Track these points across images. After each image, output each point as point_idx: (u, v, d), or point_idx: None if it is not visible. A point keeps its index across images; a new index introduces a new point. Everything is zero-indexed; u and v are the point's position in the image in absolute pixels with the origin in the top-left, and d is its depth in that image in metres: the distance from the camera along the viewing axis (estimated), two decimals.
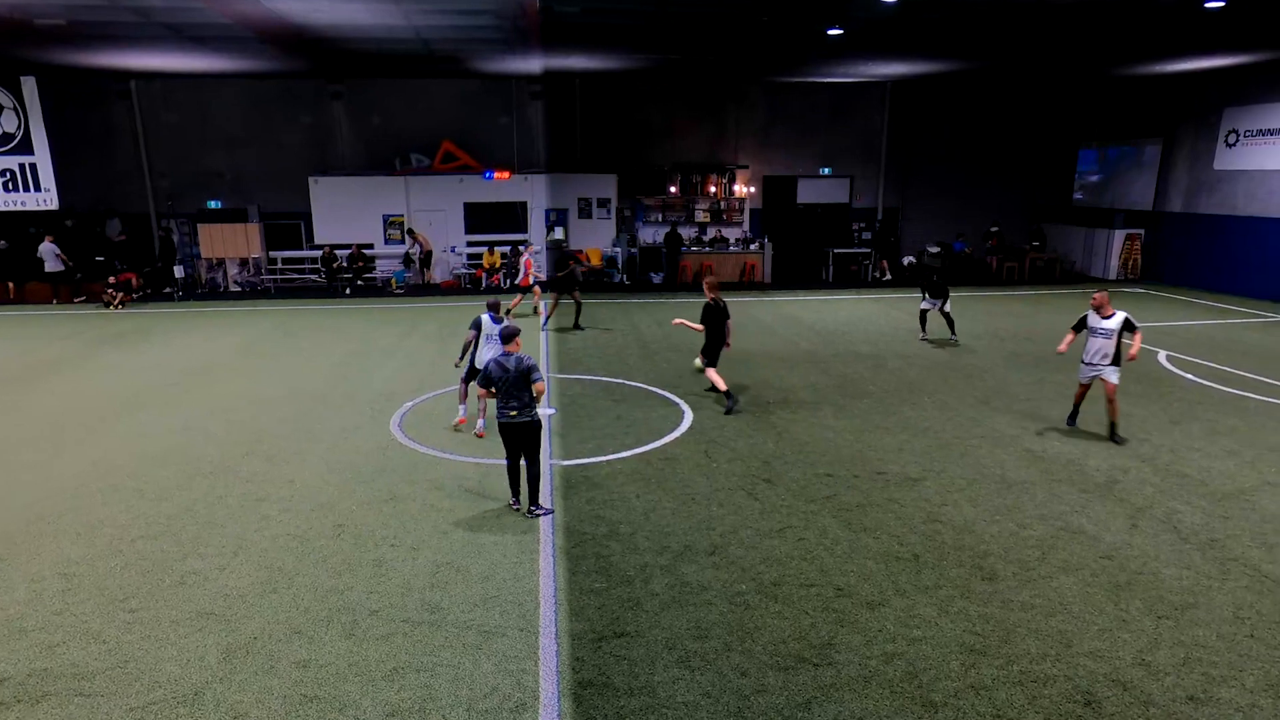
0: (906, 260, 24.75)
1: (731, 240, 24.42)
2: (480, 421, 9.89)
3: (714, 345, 10.87)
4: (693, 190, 24.47)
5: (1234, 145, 20.46)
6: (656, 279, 23.24)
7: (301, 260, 23.04)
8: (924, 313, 15.33)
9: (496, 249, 22.37)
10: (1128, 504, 7.63)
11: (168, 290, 21.27)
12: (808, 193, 25.25)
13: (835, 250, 24.21)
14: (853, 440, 9.49)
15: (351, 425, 10.12)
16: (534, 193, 22.94)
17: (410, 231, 22.51)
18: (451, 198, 22.75)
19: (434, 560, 6.60)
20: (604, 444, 9.37)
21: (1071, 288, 22.12)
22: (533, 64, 19.14)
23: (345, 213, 22.40)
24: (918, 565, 6.48)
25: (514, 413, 7.20)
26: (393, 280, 22.31)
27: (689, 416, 10.37)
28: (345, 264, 21.94)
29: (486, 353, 9.72)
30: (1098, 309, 9.33)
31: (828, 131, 24.77)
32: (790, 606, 5.87)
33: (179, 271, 21.38)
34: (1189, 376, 12.23)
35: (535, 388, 7.20)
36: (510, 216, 23.06)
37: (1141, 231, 23.41)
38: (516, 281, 18.01)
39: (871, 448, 9.24)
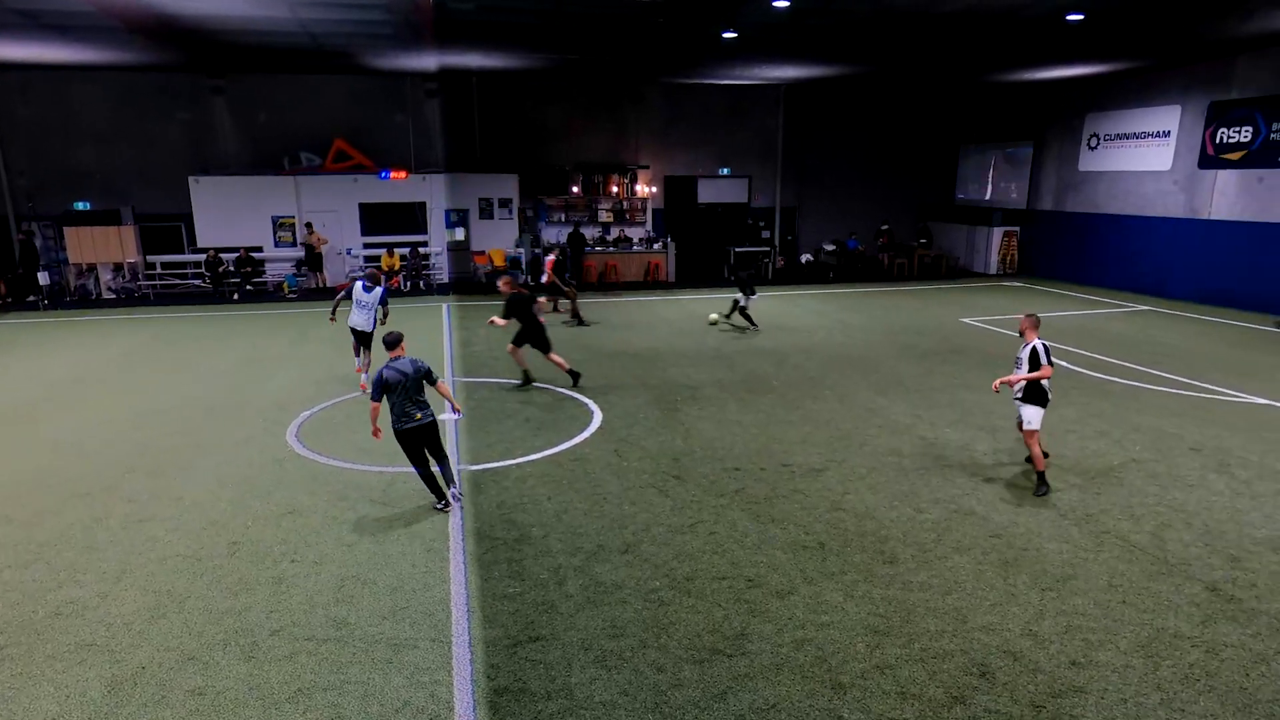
0: (804, 258, 25.56)
1: (635, 240, 24.59)
2: (364, 376, 11.54)
3: (528, 332, 11.87)
4: (595, 190, 24.49)
5: (1095, 148, 22.09)
6: None
7: (184, 265, 21.76)
8: (743, 309, 16.11)
9: (396, 250, 21.78)
10: (1013, 485, 8.12)
11: (32, 299, 19.68)
12: (708, 192, 25.72)
13: (736, 249, 24.73)
14: (758, 434, 9.73)
15: (244, 437, 9.64)
16: (433, 193, 22.43)
17: (308, 225, 21.56)
18: (345, 198, 21.98)
19: (338, 574, 6.36)
20: (513, 447, 9.26)
21: (956, 283, 23.38)
22: (428, 61, 18.70)
23: (230, 214, 21.29)
24: (824, 553, 6.70)
25: (419, 415, 7.26)
26: (284, 284, 21.36)
27: (598, 417, 10.38)
28: (232, 268, 20.86)
29: (354, 314, 11.37)
30: (1020, 335, 8.07)
31: (726, 132, 25.29)
32: (703, 600, 5.96)
33: (44, 278, 19.77)
34: (1063, 364, 13.11)
35: (439, 388, 7.53)
36: (409, 217, 22.48)
37: (1017, 229, 24.96)
38: (542, 281, 18.15)
39: (776, 441, 9.49)
